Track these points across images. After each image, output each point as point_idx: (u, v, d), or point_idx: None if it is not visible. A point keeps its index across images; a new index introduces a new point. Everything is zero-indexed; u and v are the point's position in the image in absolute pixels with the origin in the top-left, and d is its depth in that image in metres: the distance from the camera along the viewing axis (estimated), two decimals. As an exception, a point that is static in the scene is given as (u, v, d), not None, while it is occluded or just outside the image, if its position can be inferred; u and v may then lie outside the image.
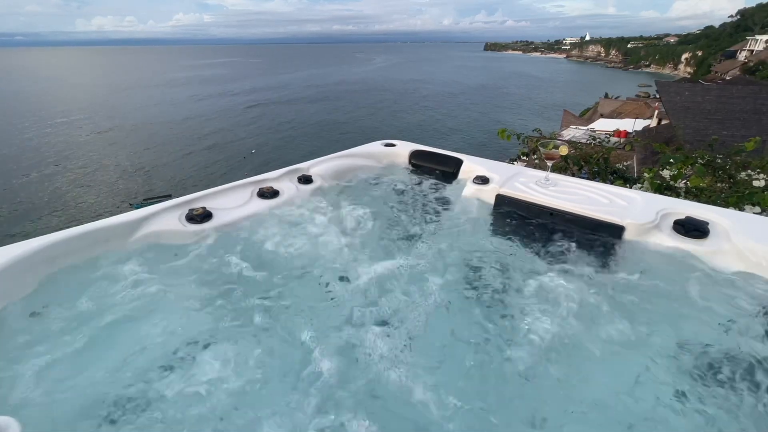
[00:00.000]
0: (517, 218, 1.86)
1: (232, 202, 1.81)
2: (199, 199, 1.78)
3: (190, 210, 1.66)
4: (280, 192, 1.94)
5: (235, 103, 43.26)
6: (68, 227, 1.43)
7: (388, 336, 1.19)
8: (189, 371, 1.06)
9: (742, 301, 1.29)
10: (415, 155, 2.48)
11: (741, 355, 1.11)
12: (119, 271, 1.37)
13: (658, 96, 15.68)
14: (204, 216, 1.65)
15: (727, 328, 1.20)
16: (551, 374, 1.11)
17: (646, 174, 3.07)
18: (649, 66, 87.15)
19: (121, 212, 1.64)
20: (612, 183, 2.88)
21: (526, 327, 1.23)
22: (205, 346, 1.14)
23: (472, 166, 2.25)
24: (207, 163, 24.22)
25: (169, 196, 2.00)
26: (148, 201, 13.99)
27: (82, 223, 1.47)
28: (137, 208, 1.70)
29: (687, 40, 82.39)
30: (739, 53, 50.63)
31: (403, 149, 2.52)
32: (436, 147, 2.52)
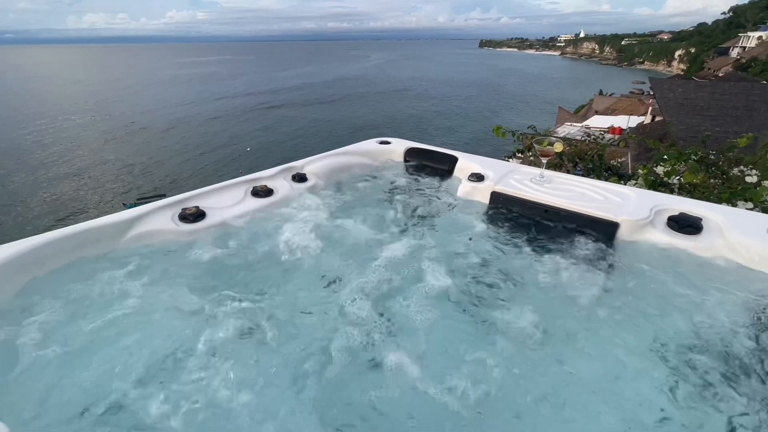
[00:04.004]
0: (512, 215, 1.87)
1: (226, 201, 1.79)
2: (192, 198, 1.76)
3: (182, 209, 1.64)
4: (275, 190, 1.93)
5: (234, 104, 42.76)
6: (60, 227, 1.41)
7: (386, 333, 1.19)
8: (183, 373, 1.05)
9: (736, 296, 1.29)
10: (410, 153, 2.48)
11: (735, 350, 1.12)
12: (111, 271, 1.35)
13: (651, 93, 15.77)
14: (197, 215, 1.63)
15: (721, 323, 1.21)
16: (546, 369, 1.11)
17: (640, 170, 3.09)
18: (642, 63, 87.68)
19: (114, 212, 1.62)
20: (606, 180, 2.89)
21: (521, 323, 1.23)
22: (199, 347, 1.12)
23: (467, 163, 2.25)
24: (205, 162, 24.01)
25: (163, 196, 1.98)
26: (142, 201, 13.88)
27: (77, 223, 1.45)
28: (130, 207, 1.67)
29: (680, 37, 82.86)
30: (732, 50, 51.08)
31: (398, 147, 2.51)
32: (432, 144, 2.51)
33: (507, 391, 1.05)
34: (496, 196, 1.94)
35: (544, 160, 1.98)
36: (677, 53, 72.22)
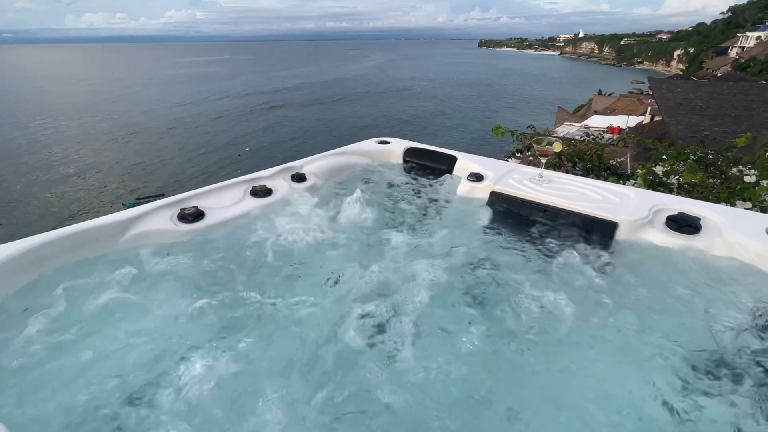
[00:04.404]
0: (511, 215, 1.87)
1: (225, 201, 1.79)
2: (191, 198, 1.76)
3: (181, 209, 1.64)
4: (274, 190, 1.92)
5: (235, 104, 42.53)
6: (59, 227, 1.41)
7: (384, 333, 1.19)
8: (181, 372, 1.05)
9: (734, 295, 1.30)
10: (409, 152, 2.48)
11: (733, 350, 1.12)
12: (109, 271, 1.35)
13: (650, 93, 15.79)
14: (196, 215, 1.63)
15: (719, 322, 1.21)
16: (544, 369, 1.11)
17: (639, 170, 3.09)
18: (641, 63, 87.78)
19: (114, 212, 1.62)
20: (605, 179, 2.90)
21: (519, 322, 1.24)
22: (198, 347, 1.12)
23: (466, 163, 2.25)
24: (208, 163, 23.96)
25: (162, 196, 1.98)
26: (141, 200, 13.86)
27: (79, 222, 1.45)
28: (129, 207, 1.67)
29: (679, 37, 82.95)
30: (731, 50, 51.18)
31: (398, 146, 2.51)
32: (433, 144, 2.51)
33: (504, 388, 1.05)
34: (495, 196, 1.95)
35: (543, 160, 1.98)
36: (676, 53, 72.32)
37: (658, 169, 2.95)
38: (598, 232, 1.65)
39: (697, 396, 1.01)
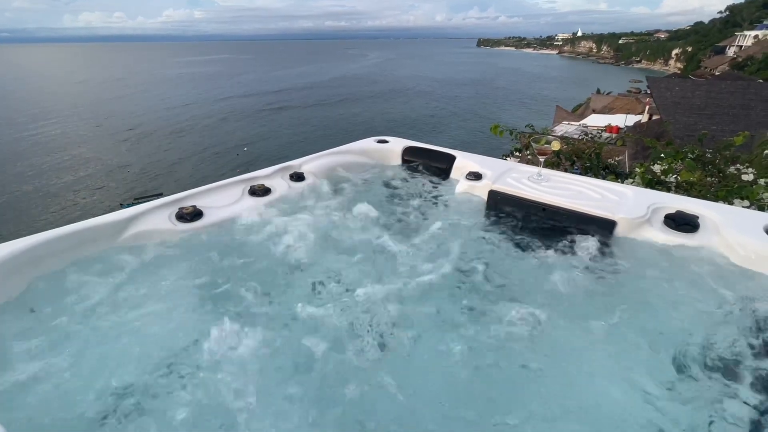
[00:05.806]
0: (509, 214, 1.87)
1: (223, 201, 1.79)
2: (189, 197, 1.76)
3: (180, 209, 1.64)
4: (272, 189, 1.92)
5: (238, 104, 42.26)
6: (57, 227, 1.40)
7: (382, 331, 1.19)
8: (181, 371, 1.05)
9: (732, 293, 1.30)
10: (408, 151, 2.47)
11: (731, 348, 1.12)
12: (108, 271, 1.34)
13: (649, 92, 15.82)
14: (194, 215, 1.63)
15: (717, 321, 1.22)
16: (542, 367, 1.11)
17: (637, 169, 3.10)
18: (640, 62, 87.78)
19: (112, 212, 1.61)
20: (604, 178, 2.90)
21: (518, 321, 1.24)
22: (197, 347, 1.12)
23: (465, 162, 2.25)
24: (220, 163, 23.88)
25: (160, 195, 1.98)
26: (139, 200, 13.81)
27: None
28: (127, 207, 1.67)
29: (677, 36, 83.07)
30: (728, 49, 51.28)
31: (396, 145, 2.51)
32: (430, 143, 2.51)
33: (500, 388, 1.05)
34: (493, 195, 1.95)
35: (541, 159, 1.99)
36: (674, 52, 72.35)
37: (657, 168, 2.95)
38: (597, 230, 1.65)
39: (692, 392, 1.01)
